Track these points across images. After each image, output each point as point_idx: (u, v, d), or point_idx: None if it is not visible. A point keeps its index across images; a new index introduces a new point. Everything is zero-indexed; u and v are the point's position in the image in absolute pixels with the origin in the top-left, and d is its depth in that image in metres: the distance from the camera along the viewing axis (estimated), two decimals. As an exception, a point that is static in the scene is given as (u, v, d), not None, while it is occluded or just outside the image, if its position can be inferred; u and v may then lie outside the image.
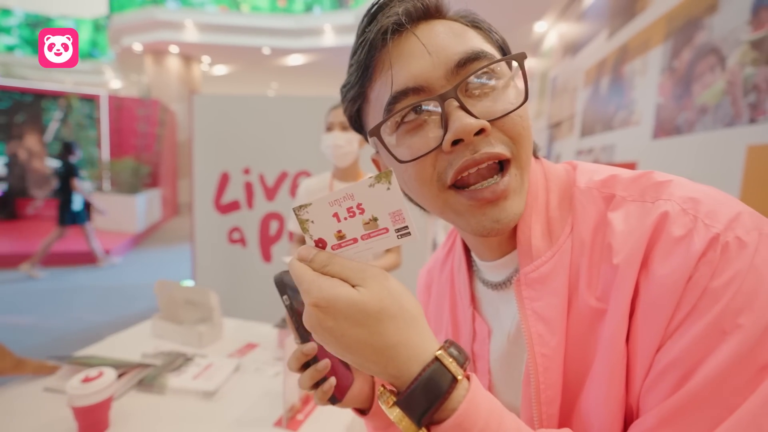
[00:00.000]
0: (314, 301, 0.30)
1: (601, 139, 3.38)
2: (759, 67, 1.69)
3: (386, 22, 0.36)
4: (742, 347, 0.26)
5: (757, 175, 1.67)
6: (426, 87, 0.35)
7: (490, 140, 0.35)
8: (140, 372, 0.98)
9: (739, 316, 0.26)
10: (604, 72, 3.44)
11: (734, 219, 0.29)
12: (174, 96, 8.81)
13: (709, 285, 0.28)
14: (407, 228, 0.32)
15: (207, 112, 2.55)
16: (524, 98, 0.36)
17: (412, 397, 0.29)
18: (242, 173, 2.56)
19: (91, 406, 0.75)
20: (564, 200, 0.39)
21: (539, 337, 0.36)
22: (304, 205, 0.33)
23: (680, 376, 0.27)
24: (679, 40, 2.32)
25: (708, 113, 2.01)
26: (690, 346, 0.27)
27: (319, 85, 11.60)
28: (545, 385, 0.36)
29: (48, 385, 0.94)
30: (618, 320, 0.32)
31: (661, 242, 0.30)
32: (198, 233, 2.61)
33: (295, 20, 8.26)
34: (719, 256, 0.28)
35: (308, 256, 0.32)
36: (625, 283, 0.31)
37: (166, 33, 8.02)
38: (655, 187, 0.34)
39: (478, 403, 0.28)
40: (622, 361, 0.31)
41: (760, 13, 1.72)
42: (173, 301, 1.33)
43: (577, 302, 0.35)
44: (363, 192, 0.31)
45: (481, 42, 0.38)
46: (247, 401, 0.96)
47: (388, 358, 0.29)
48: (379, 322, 0.29)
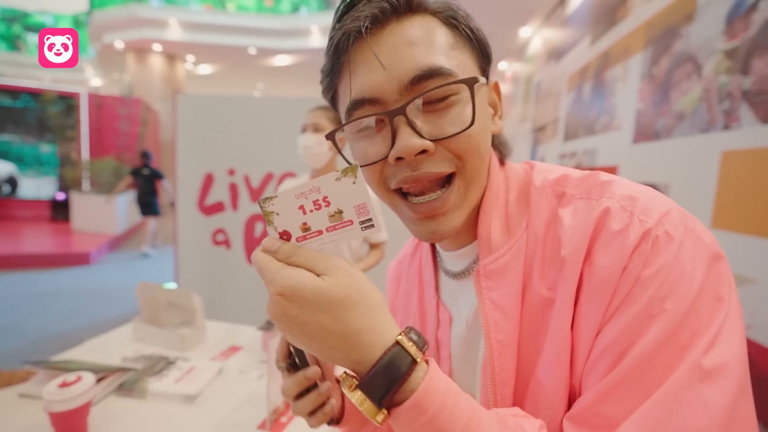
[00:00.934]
0: (279, 289, 0.30)
1: (583, 143, 3.46)
2: (732, 75, 1.75)
3: (350, 27, 0.36)
4: (667, 329, 0.29)
5: (731, 179, 1.74)
6: (380, 99, 0.37)
7: (434, 159, 0.37)
8: (120, 376, 0.96)
9: (665, 301, 0.29)
10: (586, 77, 3.51)
11: (664, 215, 0.32)
12: (157, 95, 8.65)
13: (641, 274, 0.31)
14: (371, 220, 0.34)
15: (191, 112, 2.52)
16: (471, 122, 0.36)
17: (373, 379, 0.30)
18: (227, 174, 2.53)
19: (68, 412, 0.73)
20: (521, 197, 0.42)
21: (495, 324, 0.39)
22: (269, 197, 0.33)
23: (615, 357, 0.30)
24: (658, 48, 2.39)
25: (685, 119, 2.07)
26: (623, 330, 0.30)
27: (305, 85, 11.54)
28: (500, 368, 0.39)
29: (23, 391, 0.91)
30: (564, 308, 0.34)
31: (602, 236, 0.33)
32: (181, 235, 2.57)
33: (281, 21, 8.21)
34: (650, 248, 0.31)
35: (273, 247, 0.33)
36: (570, 274, 0.34)
37: (150, 31, 7.88)
38: (600, 186, 0.37)
39: (436, 384, 0.30)
40: (567, 346, 0.34)
41: (733, 24, 1.78)
42: (155, 304, 1.30)
43: (530, 292, 0.38)
44: (329, 185, 0.33)
45: (446, 49, 0.37)
46: (230, 405, 0.94)
47: (352, 345, 0.30)
48: (344, 309, 0.30)
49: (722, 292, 0.30)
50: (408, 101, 0.36)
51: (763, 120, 1.56)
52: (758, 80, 1.60)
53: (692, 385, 0.27)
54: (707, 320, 0.29)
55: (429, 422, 0.29)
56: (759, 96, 1.60)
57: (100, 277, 4.43)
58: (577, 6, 3.95)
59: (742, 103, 1.68)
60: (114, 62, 9.66)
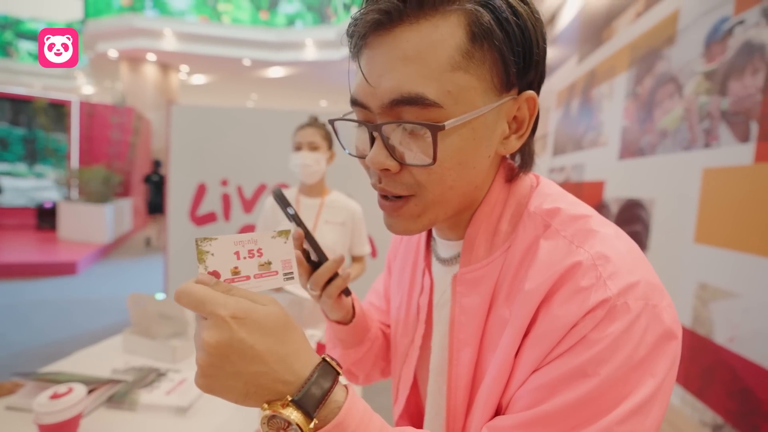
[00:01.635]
0: (232, 312, 0.31)
1: (571, 158, 3.53)
2: (711, 96, 1.83)
3: (358, 30, 0.37)
4: (593, 390, 0.31)
5: (712, 195, 1.80)
6: (367, 106, 0.39)
7: (396, 179, 0.39)
8: (110, 388, 0.96)
9: (601, 365, 0.32)
10: (574, 95, 3.61)
11: (630, 286, 0.33)
12: (149, 104, 8.63)
13: (589, 335, 0.33)
14: (292, 274, 0.41)
15: (185, 123, 2.53)
16: (432, 161, 0.36)
17: (307, 393, 0.32)
18: (220, 184, 2.54)
19: (58, 424, 0.73)
20: (515, 217, 0.43)
21: (459, 324, 0.43)
22: (209, 239, 0.37)
23: (541, 397, 0.33)
24: (641, 68, 2.49)
25: (668, 137, 2.15)
26: (557, 377, 0.33)
27: (299, 97, 11.62)
28: (457, 362, 0.43)
29: (10, 403, 0.90)
30: (514, 335, 0.37)
31: (567, 287, 0.35)
32: (171, 244, 2.56)
33: (276, 33, 8.30)
34: (605, 314, 0.33)
35: (210, 281, 0.35)
36: (527, 308, 0.36)
37: (144, 41, 7.90)
38: (584, 234, 0.37)
39: (355, 403, 0.34)
40: (507, 369, 0.37)
41: (711, 48, 1.87)
42: (146, 315, 1.30)
43: (495, 308, 0.41)
44: (265, 241, 0.40)
45: (443, 69, 0.34)
46: (220, 417, 0.95)
47: (288, 365, 0.33)
48: (286, 331, 0.34)
49: (657, 370, 0.32)
50: (384, 122, 0.37)
51: (741, 139, 1.63)
52: (735, 101, 1.68)
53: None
54: (633, 393, 0.31)
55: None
56: (736, 116, 1.67)
57: (86, 287, 4.35)
58: (564, 26, 4.07)
59: (721, 122, 1.75)
60: (107, 71, 9.63)
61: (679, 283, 1.93)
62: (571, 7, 3.96)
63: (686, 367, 1.85)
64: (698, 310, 1.78)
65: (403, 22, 0.35)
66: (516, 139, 0.41)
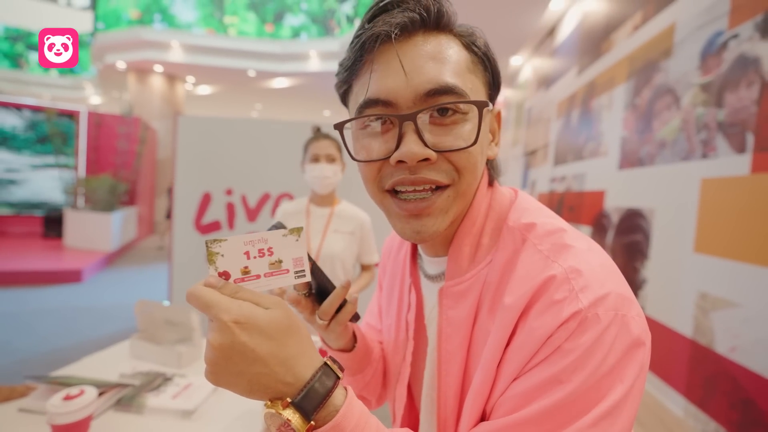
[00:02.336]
0: (235, 317, 0.33)
1: (572, 168, 3.56)
2: (708, 108, 1.86)
3: (379, 30, 0.39)
4: (568, 396, 0.33)
5: (711, 205, 1.81)
6: (394, 102, 0.39)
7: (434, 167, 0.40)
8: (118, 392, 0.98)
9: (574, 373, 0.34)
10: (574, 105, 3.65)
11: (600, 298, 0.35)
12: (156, 114, 8.75)
13: (563, 345, 0.35)
14: (304, 272, 0.40)
15: (191, 133, 2.58)
16: (474, 141, 0.40)
17: (308, 394, 0.34)
18: (224, 194, 2.58)
19: (71, 424, 0.75)
20: (496, 230, 0.45)
21: (447, 336, 0.45)
22: (218, 240, 0.37)
23: (520, 404, 0.35)
24: (640, 80, 2.52)
25: (667, 147, 2.17)
26: (534, 385, 0.35)
27: (303, 107, 11.75)
28: (445, 373, 0.45)
29: (23, 405, 0.92)
30: (496, 348, 0.39)
31: (542, 300, 0.37)
32: (176, 253, 2.59)
33: (281, 45, 8.44)
34: (576, 326, 0.35)
35: (217, 284, 0.36)
36: (507, 321, 0.38)
37: (151, 53, 8.04)
38: (559, 249, 0.39)
39: (354, 406, 0.36)
40: (491, 378, 0.39)
41: (707, 60, 1.90)
42: (153, 321, 1.32)
43: (479, 320, 0.43)
44: (276, 239, 0.39)
45: (463, 71, 0.40)
46: (225, 420, 0.97)
47: (288, 367, 0.34)
48: (288, 336, 0.35)
49: (626, 376, 0.34)
50: (420, 110, 0.38)
51: (737, 150, 1.65)
52: (731, 113, 1.71)
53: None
54: (604, 398, 0.33)
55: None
56: (732, 127, 1.70)
57: (92, 294, 4.39)
58: (564, 38, 4.13)
59: (718, 133, 1.78)
60: (114, 81, 9.80)
61: (680, 292, 1.94)
62: (570, 20, 4.03)
63: (688, 377, 1.85)
64: (699, 319, 1.79)
65: (419, 34, 0.40)
66: (495, 145, 0.47)
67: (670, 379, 1.99)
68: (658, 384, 2.06)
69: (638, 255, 2.33)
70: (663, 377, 2.04)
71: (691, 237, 1.92)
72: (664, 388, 2.01)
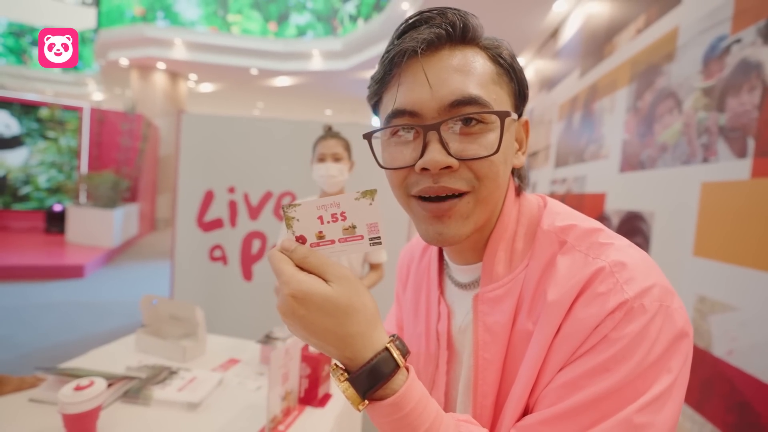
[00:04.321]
0: (292, 292, 0.35)
1: (573, 170, 3.57)
2: (710, 112, 1.87)
3: (408, 46, 0.41)
4: (615, 384, 0.34)
5: (710, 209, 1.82)
6: (420, 113, 0.41)
7: (455, 175, 0.41)
8: (126, 384, 1.00)
9: (622, 362, 0.35)
10: (576, 108, 3.66)
11: (646, 290, 0.37)
12: (158, 111, 8.77)
13: (609, 334, 0.36)
14: (379, 238, 0.39)
15: (194, 131, 2.59)
16: (496, 150, 0.41)
17: (361, 376, 0.35)
18: (227, 192, 2.59)
19: (81, 414, 0.77)
20: (529, 235, 0.46)
21: (484, 344, 0.45)
22: (294, 204, 0.38)
23: (567, 393, 0.36)
24: (642, 83, 2.53)
25: (668, 151, 2.18)
26: (581, 374, 0.36)
27: (305, 106, 11.77)
28: (482, 381, 0.44)
29: (33, 396, 0.94)
30: (541, 345, 0.39)
31: (587, 293, 0.38)
32: (178, 250, 2.61)
33: (283, 44, 8.45)
34: (623, 316, 0.36)
35: (290, 247, 0.38)
36: (553, 318, 0.39)
37: (155, 50, 8.06)
38: (599, 247, 0.41)
39: (414, 389, 0.36)
40: (534, 375, 0.39)
41: (710, 64, 1.92)
42: (158, 316, 1.34)
43: (518, 323, 0.43)
44: (349, 203, 0.38)
45: (487, 82, 0.42)
46: (230, 413, 0.98)
47: (347, 345, 0.36)
48: (345, 315, 0.35)
49: (673, 366, 0.35)
50: (444, 119, 0.40)
51: (738, 154, 1.67)
52: (732, 117, 1.72)
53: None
54: (651, 386, 0.34)
55: (403, 418, 0.35)
56: (733, 132, 1.71)
57: (93, 290, 4.40)
58: (567, 40, 4.14)
59: (719, 137, 1.79)
60: (117, 78, 9.82)
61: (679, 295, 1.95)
62: (573, 22, 4.04)
63: (685, 378, 1.86)
64: (697, 322, 1.80)
65: (445, 48, 0.42)
66: (521, 154, 0.48)
67: (668, 380, 1.99)
68: (656, 385, 2.07)
69: (643, 256, 2.33)
70: (661, 379, 2.04)
71: (691, 240, 1.94)
72: (661, 390, 2.02)
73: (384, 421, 0.36)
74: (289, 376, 0.98)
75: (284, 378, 0.95)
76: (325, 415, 1.02)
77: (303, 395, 1.05)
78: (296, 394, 1.03)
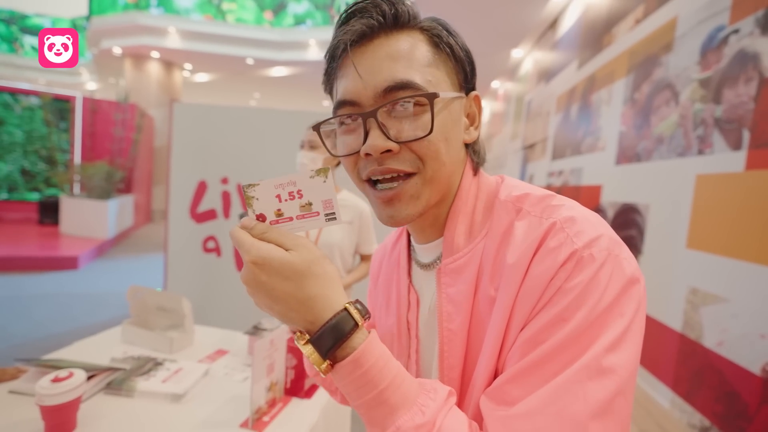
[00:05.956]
0: (252, 258, 0.37)
1: (570, 162, 3.55)
2: (706, 103, 1.85)
3: (342, 39, 0.43)
4: (573, 333, 0.35)
5: (704, 200, 1.82)
6: (359, 102, 0.43)
7: (398, 157, 0.43)
8: (109, 375, 0.99)
9: (577, 310, 0.35)
10: (574, 99, 3.63)
11: (594, 240, 0.38)
12: (153, 101, 8.67)
13: (563, 286, 0.37)
14: (334, 214, 0.41)
15: (187, 121, 2.56)
16: (429, 130, 0.42)
17: (322, 335, 0.37)
18: (220, 182, 2.56)
19: (59, 406, 0.75)
20: (487, 208, 0.47)
21: (448, 315, 0.45)
22: (252, 184, 0.40)
23: (528, 349, 0.37)
24: (639, 75, 2.51)
25: (664, 143, 2.17)
26: (540, 328, 0.37)
27: (302, 96, 11.68)
28: (449, 354, 0.45)
29: (13, 387, 0.93)
30: (504, 307, 0.40)
31: (541, 250, 0.39)
32: (171, 241, 2.59)
33: (280, 33, 8.35)
34: (574, 266, 0.37)
35: (249, 224, 0.40)
36: (513, 280, 0.40)
37: (148, 38, 7.95)
38: (551, 208, 0.42)
39: (373, 347, 0.37)
40: (500, 339, 0.40)
41: (707, 55, 1.89)
42: (145, 307, 1.33)
43: (481, 291, 0.44)
44: (304, 181, 0.39)
45: (422, 65, 0.43)
46: (214, 404, 0.97)
47: (308, 308, 0.37)
48: (305, 278, 0.37)
49: (625, 310, 0.36)
50: (380, 106, 0.42)
51: (733, 147, 1.65)
52: (728, 109, 1.70)
53: (580, 380, 0.33)
54: (607, 331, 0.35)
55: (363, 375, 0.36)
56: (729, 124, 1.69)
57: (87, 281, 4.38)
58: (565, 31, 4.10)
59: (715, 129, 1.77)
60: (111, 67, 9.69)
61: (671, 287, 1.95)
62: (572, 13, 3.99)
63: (675, 370, 1.87)
64: (689, 314, 1.80)
65: (380, 36, 0.43)
66: (474, 129, 0.49)
67: (658, 371, 2.01)
68: (646, 376, 2.09)
69: (631, 250, 2.35)
70: (651, 370, 2.06)
71: (684, 233, 1.93)
72: (652, 381, 2.04)
73: (346, 382, 0.37)
74: (275, 367, 0.97)
75: (269, 369, 0.94)
76: (311, 406, 1.02)
77: (289, 386, 1.04)
78: (282, 385, 1.03)
